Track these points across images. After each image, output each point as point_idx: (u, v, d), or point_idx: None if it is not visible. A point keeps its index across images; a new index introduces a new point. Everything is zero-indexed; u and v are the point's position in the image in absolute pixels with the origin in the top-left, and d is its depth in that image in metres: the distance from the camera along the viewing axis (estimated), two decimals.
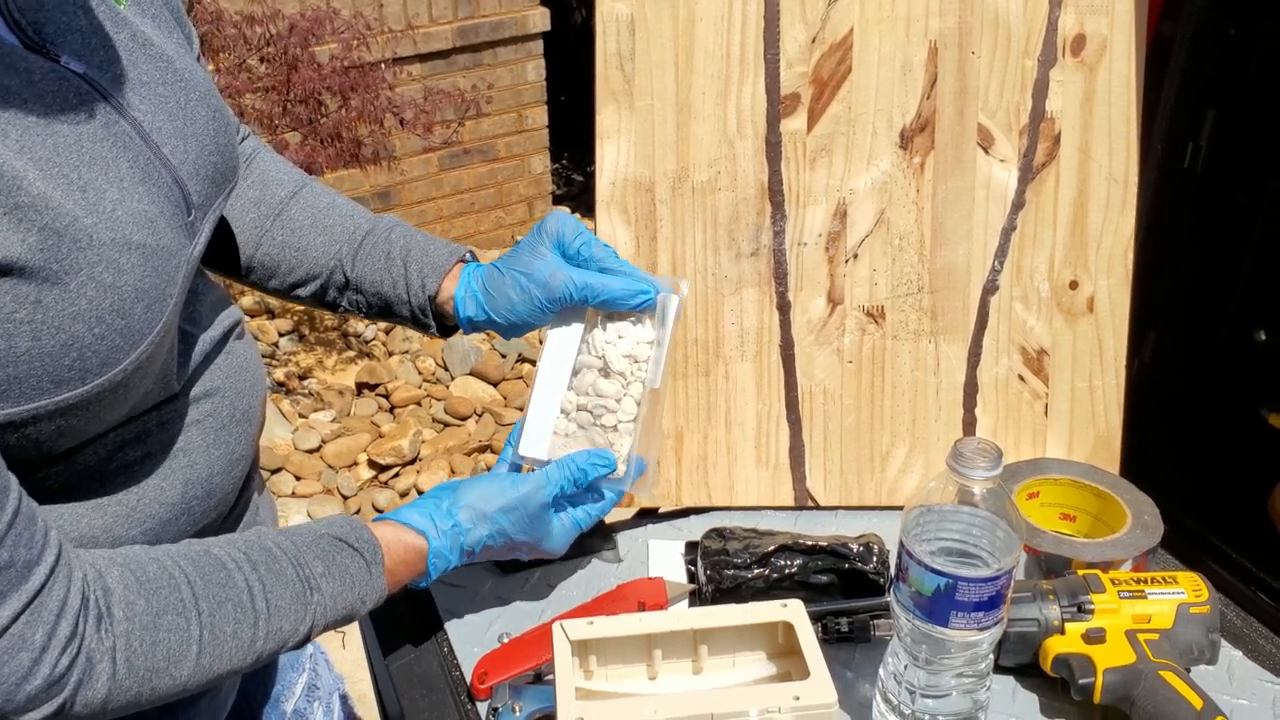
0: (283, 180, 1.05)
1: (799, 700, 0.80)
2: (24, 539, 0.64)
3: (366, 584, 0.85)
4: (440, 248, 1.03)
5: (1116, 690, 0.88)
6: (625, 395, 0.99)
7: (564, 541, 0.98)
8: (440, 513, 0.92)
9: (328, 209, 1.04)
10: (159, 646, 0.71)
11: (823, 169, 1.14)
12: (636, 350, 0.99)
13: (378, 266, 1.01)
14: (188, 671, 0.73)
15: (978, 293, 1.15)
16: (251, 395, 0.88)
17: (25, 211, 0.63)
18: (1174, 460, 1.21)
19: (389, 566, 0.87)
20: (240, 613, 0.76)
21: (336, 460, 3.05)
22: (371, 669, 1.06)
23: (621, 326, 1.00)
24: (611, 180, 1.14)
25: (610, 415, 0.99)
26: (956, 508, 0.81)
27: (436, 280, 1.01)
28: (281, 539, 0.82)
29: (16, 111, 0.65)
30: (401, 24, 3.77)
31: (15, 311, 0.62)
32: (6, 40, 0.67)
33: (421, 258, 1.01)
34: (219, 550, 0.78)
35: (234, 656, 0.76)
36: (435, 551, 0.91)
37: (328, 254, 1.02)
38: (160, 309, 0.71)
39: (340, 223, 1.03)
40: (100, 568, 0.71)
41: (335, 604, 0.83)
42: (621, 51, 1.12)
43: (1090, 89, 1.12)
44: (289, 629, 0.79)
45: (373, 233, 1.03)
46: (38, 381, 0.64)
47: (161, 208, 0.74)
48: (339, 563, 0.83)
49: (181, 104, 0.79)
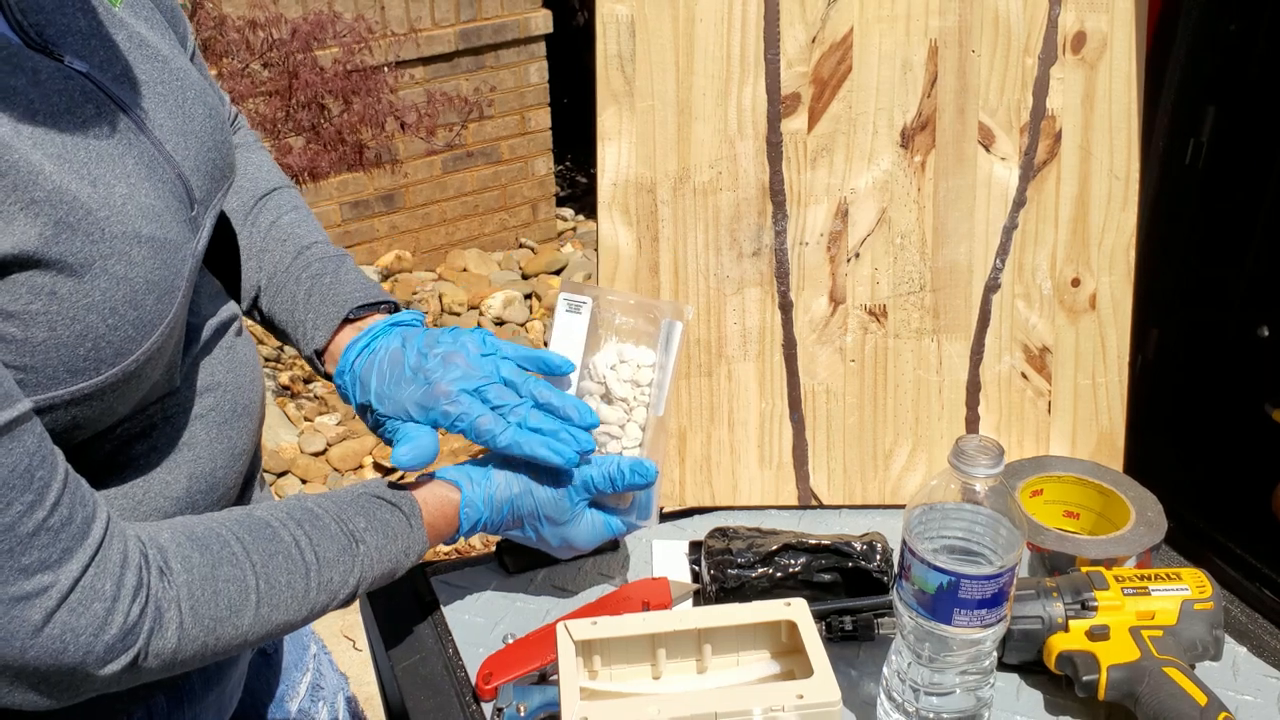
0: (258, 182, 1.04)
1: (803, 699, 0.80)
2: (78, 497, 0.67)
3: (408, 536, 0.87)
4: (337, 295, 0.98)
5: (1121, 687, 0.88)
6: (629, 421, 0.99)
7: (590, 537, 0.97)
8: (477, 469, 0.94)
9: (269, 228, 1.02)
10: (220, 596, 0.73)
11: (824, 168, 1.14)
12: (638, 375, 0.99)
13: (285, 306, 1.00)
14: (249, 621, 0.75)
15: (980, 291, 1.15)
16: (252, 390, 0.89)
17: (42, 205, 0.64)
18: (1177, 457, 1.21)
19: (427, 520, 0.89)
20: (291, 564, 0.78)
21: (342, 463, 3.06)
22: (377, 669, 1.07)
23: (623, 350, 1.00)
24: (613, 181, 1.14)
25: (615, 442, 0.99)
26: (959, 505, 0.81)
27: (325, 334, 0.97)
28: (321, 500, 0.85)
29: (26, 109, 0.66)
30: (404, 27, 3.78)
31: (32, 303, 0.64)
32: (10, 40, 0.68)
33: (318, 313, 0.98)
34: (261, 512, 0.80)
35: (290, 607, 0.78)
36: (466, 500, 0.91)
37: (250, 283, 1.01)
38: (170, 300, 0.73)
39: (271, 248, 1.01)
40: (150, 530, 0.73)
41: (380, 556, 0.85)
42: (622, 53, 1.12)
43: (1091, 86, 1.12)
44: (339, 580, 0.81)
45: (290, 268, 1.00)
46: (54, 371, 0.66)
47: (167, 202, 0.75)
48: (380, 518, 0.86)
49: (180, 102, 0.80)
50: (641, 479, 0.95)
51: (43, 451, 0.65)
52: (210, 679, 0.90)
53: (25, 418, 0.63)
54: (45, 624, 0.64)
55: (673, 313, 1.00)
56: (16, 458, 0.62)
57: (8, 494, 0.62)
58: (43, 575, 0.64)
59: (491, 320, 3.57)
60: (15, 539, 0.62)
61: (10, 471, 0.62)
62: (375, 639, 1.05)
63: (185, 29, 0.91)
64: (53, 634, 0.65)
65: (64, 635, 0.65)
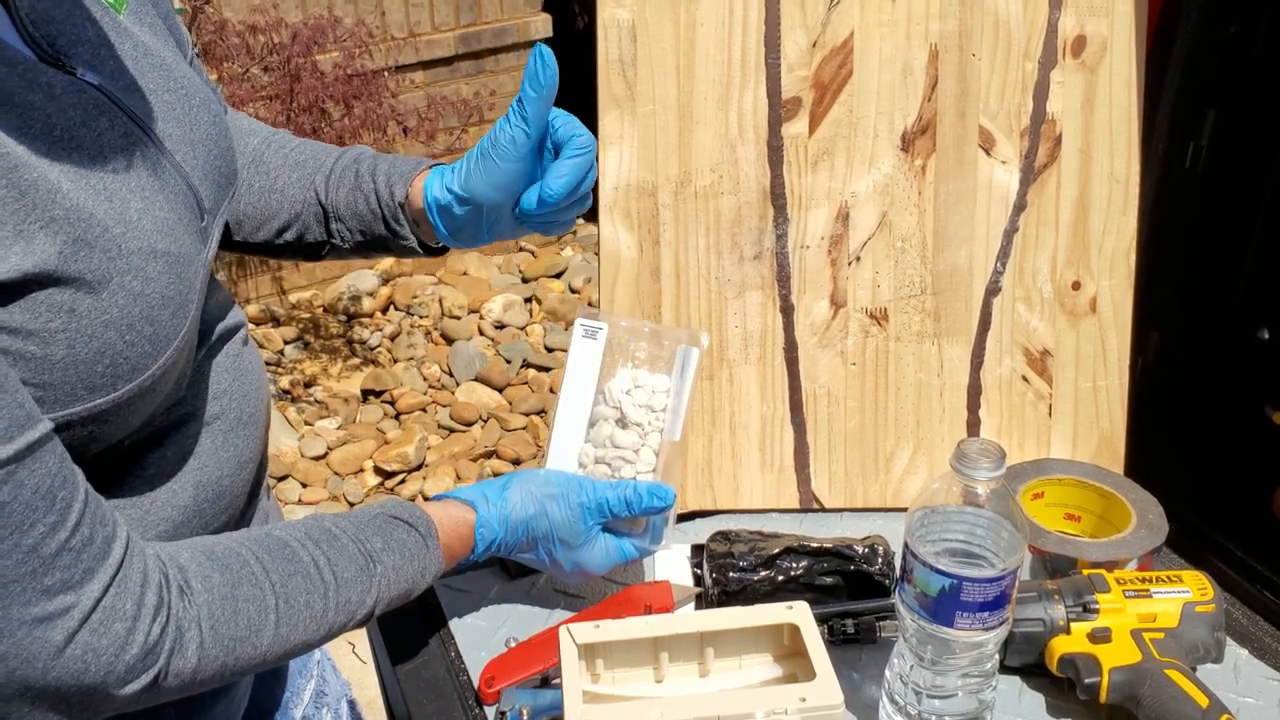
0: (254, 129, 1.06)
1: (805, 702, 0.80)
2: (99, 516, 0.67)
3: (424, 557, 0.88)
4: (409, 161, 1.02)
5: (1122, 689, 0.88)
6: (643, 446, 0.99)
7: (602, 562, 0.98)
8: (493, 489, 0.94)
9: (299, 148, 1.05)
10: (240, 616, 0.73)
11: (824, 172, 1.14)
12: (653, 400, 1.00)
13: (349, 187, 1.01)
14: (268, 641, 0.75)
15: (980, 294, 1.16)
16: (257, 398, 0.89)
17: (60, 224, 0.64)
18: (1179, 459, 1.21)
19: (443, 541, 0.90)
20: (310, 584, 0.78)
21: (342, 467, 3.06)
22: (379, 674, 1.07)
23: (638, 375, 1.01)
24: (614, 185, 1.14)
25: (629, 467, 0.99)
26: (961, 508, 0.81)
27: (404, 186, 0.99)
28: (339, 519, 0.84)
29: (43, 126, 0.66)
30: (404, 32, 3.78)
31: (51, 321, 0.64)
32: (25, 55, 0.68)
33: (389, 169, 1.01)
34: (280, 532, 0.80)
35: (309, 627, 0.78)
36: (482, 520, 0.92)
37: (304, 187, 1.02)
38: (184, 314, 0.73)
39: (312, 157, 1.04)
40: (170, 549, 0.73)
41: (398, 576, 0.85)
42: (623, 57, 1.12)
43: (1091, 90, 1.12)
44: (356, 600, 0.81)
45: (342, 158, 1.03)
46: (72, 388, 0.66)
47: (180, 215, 0.75)
48: (396, 538, 0.86)
49: (186, 110, 0.81)
50: (660, 503, 0.96)
51: (64, 472, 0.64)
52: (220, 690, 0.90)
53: (47, 438, 0.63)
54: (67, 644, 0.64)
55: (689, 340, 1.01)
56: (39, 479, 0.62)
57: (31, 515, 0.61)
58: (65, 596, 0.63)
59: (492, 324, 3.57)
60: (38, 560, 0.62)
61: (33, 493, 0.62)
62: (377, 643, 1.05)
63: (182, 34, 0.91)
64: (74, 654, 0.64)
65: (85, 655, 0.65)
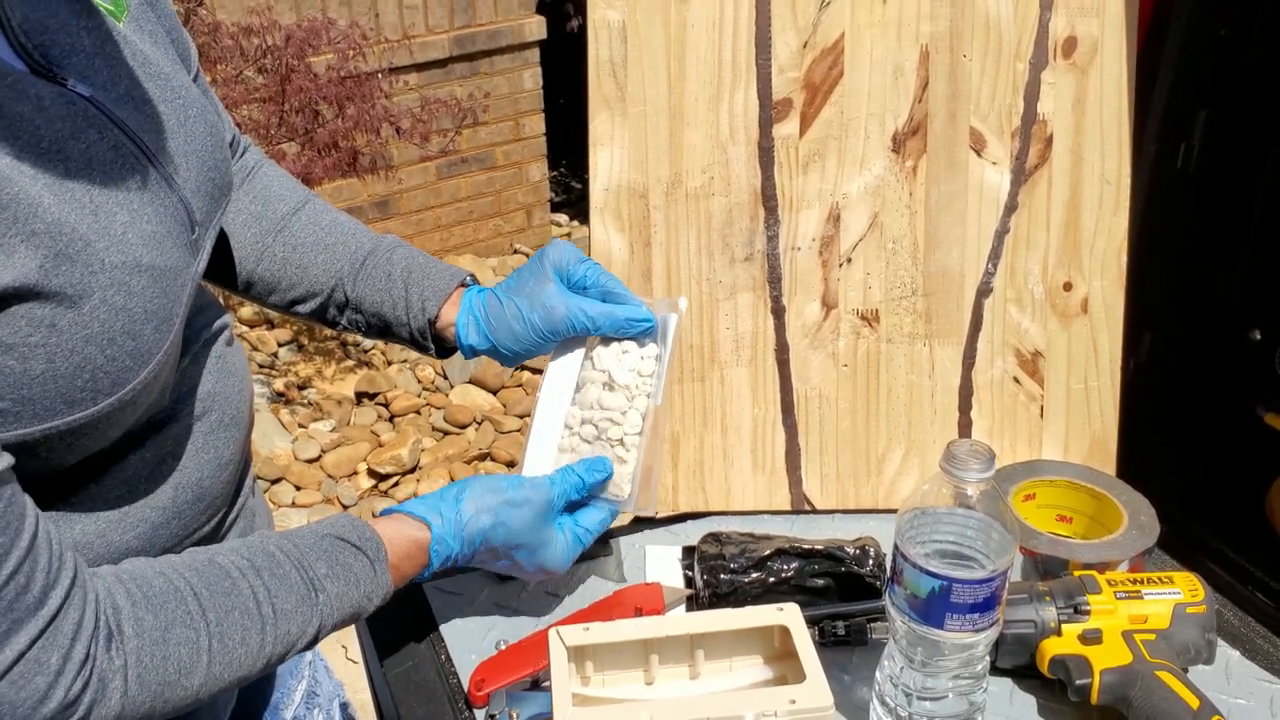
0: (285, 196, 1.05)
1: (795, 704, 0.80)
2: (40, 564, 0.64)
3: (371, 581, 0.86)
4: (441, 271, 1.03)
5: (1114, 691, 0.88)
6: (630, 409, 0.99)
7: (563, 557, 0.97)
8: (446, 502, 0.93)
9: (330, 226, 1.04)
10: (169, 660, 0.71)
11: (815, 173, 1.14)
12: (641, 365, 1.00)
13: (379, 287, 1.02)
14: (199, 681, 0.73)
15: (972, 295, 1.16)
16: (240, 400, 0.89)
17: (42, 238, 0.63)
18: (1170, 461, 1.21)
19: (393, 562, 0.88)
20: (247, 619, 0.76)
21: (336, 470, 3.05)
22: (369, 676, 1.06)
23: (626, 343, 1.00)
24: (605, 187, 1.14)
25: (616, 428, 0.99)
26: (951, 510, 0.81)
27: (437, 304, 1.01)
28: (284, 542, 0.82)
29: (30, 138, 0.66)
30: (398, 34, 3.78)
31: (31, 335, 0.63)
32: (15, 67, 0.68)
33: (423, 280, 1.02)
34: (223, 559, 0.78)
35: (244, 663, 0.76)
36: (437, 537, 0.91)
37: (329, 272, 1.02)
38: (167, 329, 0.72)
39: (342, 241, 1.03)
40: (109, 585, 0.71)
41: (341, 603, 0.83)
42: (614, 58, 1.12)
43: (1082, 91, 1.12)
44: (296, 632, 0.80)
45: (374, 253, 1.03)
46: (51, 403, 0.65)
47: (169, 228, 0.74)
48: (342, 562, 0.84)
49: (181, 121, 0.80)
50: (602, 474, 0.97)
51: (7, 516, 0.62)
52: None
53: None
54: None
55: (667, 307, 1.01)
56: None
57: None
58: None
59: None
60: None
61: None
62: (368, 646, 1.05)
63: (187, 46, 0.90)
64: None
65: (0, 707, 0.63)
